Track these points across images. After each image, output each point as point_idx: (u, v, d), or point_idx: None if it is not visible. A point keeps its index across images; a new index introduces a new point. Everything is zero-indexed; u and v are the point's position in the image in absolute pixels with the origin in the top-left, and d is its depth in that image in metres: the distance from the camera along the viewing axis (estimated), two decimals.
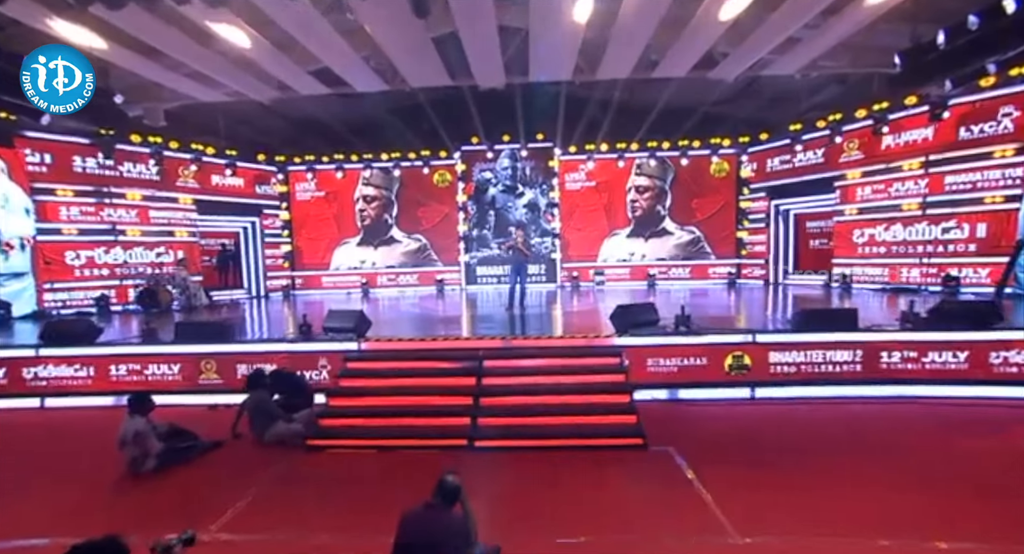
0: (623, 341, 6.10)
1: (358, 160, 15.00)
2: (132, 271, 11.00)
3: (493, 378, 5.52)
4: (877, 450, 4.67)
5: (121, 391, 6.08)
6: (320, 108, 13.01)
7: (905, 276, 10.76)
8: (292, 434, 4.91)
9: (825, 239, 14.24)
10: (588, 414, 4.98)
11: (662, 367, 6.09)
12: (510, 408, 5.14)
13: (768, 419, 5.57)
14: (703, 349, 6.08)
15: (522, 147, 14.82)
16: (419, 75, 10.12)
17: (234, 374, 6.22)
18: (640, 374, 5.91)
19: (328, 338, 6.37)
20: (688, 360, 6.07)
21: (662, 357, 6.09)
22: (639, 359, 6.05)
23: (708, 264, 15.05)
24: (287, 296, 14.85)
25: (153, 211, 11.66)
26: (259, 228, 14.80)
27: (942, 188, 10.06)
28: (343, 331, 6.41)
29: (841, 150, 11.94)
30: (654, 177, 15.11)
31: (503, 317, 8.57)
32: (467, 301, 12.23)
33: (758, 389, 6.03)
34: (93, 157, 10.69)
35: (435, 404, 5.22)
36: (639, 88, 13.39)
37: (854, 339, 6.02)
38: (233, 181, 13.73)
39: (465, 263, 15.35)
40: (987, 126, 9.37)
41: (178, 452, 4.38)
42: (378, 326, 7.70)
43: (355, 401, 5.37)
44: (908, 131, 10.50)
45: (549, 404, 5.17)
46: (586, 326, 7.82)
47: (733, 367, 6.02)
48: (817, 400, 5.94)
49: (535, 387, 5.39)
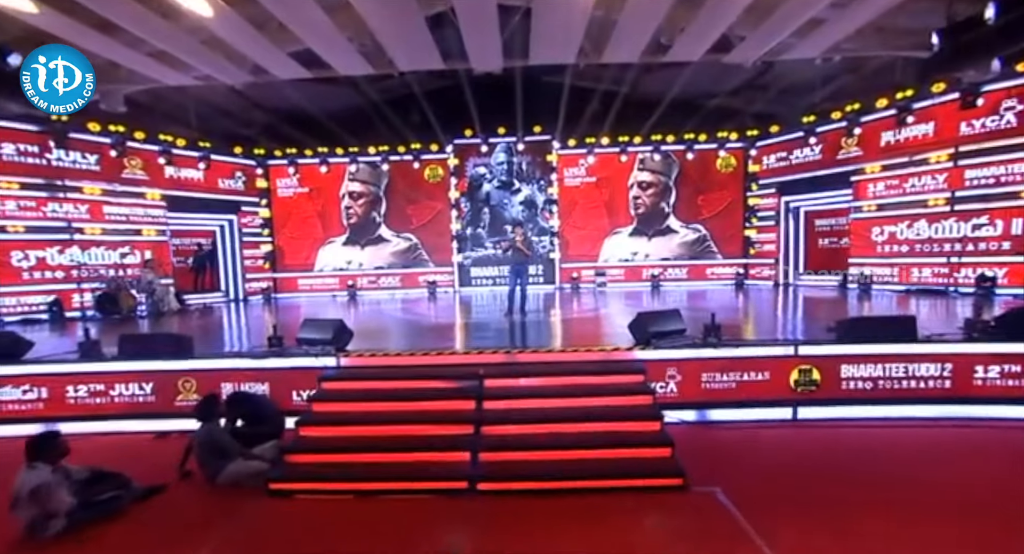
0: (645, 354, 5.26)
1: (343, 154, 14.06)
2: (91, 273, 9.94)
3: (496, 401, 4.66)
4: (982, 487, 3.85)
5: (48, 418, 5.15)
6: (302, 96, 12.05)
7: (931, 276, 10.07)
8: (252, 474, 4.00)
9: (835, 238, 13.58)
10: (612, 446, 4.14)
11: (701, 384, 5.26)
12: (517, 440, 4.27)
13: (837, 446, 4.70)
14: (759, 363, 5.23)
15: (518, 140, 13.98)
16: (409, 57, 9.21)
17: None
18: (677, 392, 5.12)
19: (302, 352, 5.46)
20: (732, 375, 5.21)
21: (703, 372, 5.24)
22: (664, 375, 5.22)
23: (715, 264, 14.32)
24: (268, 300, 13.87)
25: (115, 207, 10.59)
26: (237, 226, 13.79)
27: (973, 181, 9.36)
28: (320, 344, 5.50)
29: (859, 142, 11.23)
30: (658, 172, 14.34)
31: (503, 325, 7.71)
32: (461, 305, 11.34)
33: (815, 409, 5.22)
34: (44, 146, 9.61)
35: (428, 435, 4.34)
36: (643, 78, 12.67)
37: (943, 351, 5.19)
38: (207, 176, 12.70)
39: (458, 264, 14.47)
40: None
41: (98, 506, 3.43)
42: (362, 336, 6.79)
43: (331, 431, 4.47)
44: (935, 120, 9.77)
45: (563, 434, 4.31)
46: (597, 335, 7.02)
47: (800, 383, 5.21)
48: (896, 422, 5.11)
49: (546, 413, 4.53)
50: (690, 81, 12.04)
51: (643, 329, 5.40)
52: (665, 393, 5.17)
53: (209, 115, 13.11)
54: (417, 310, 10.50)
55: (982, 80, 8.73)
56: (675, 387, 5.24)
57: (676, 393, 5.26)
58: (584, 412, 4.51)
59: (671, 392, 5.24)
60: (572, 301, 11.34)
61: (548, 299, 11.85)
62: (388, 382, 4.99)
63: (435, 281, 14.24)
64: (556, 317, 8.96)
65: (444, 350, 5.51)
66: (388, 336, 7.57)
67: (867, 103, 10.76)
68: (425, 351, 5.45)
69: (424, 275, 14.46)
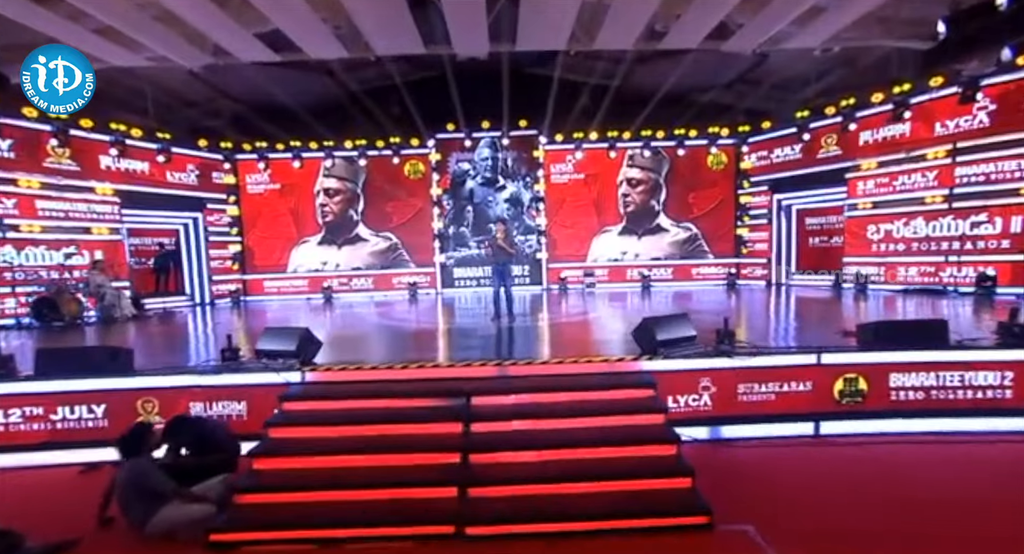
0: (655, 365, 4.69)
1: (318, 148, 13.23)
2: (27, 276, 8.93)
3: (485, 423, 4.02)
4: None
5: None
6: (273, 86, 11.22)
7: (928, 276, 9.81)
8: (191, 521, 3.29)
9: (826, 237, 13.35)
10: (623, 477, 3.54)
11: (724, 398, 4.70)
12: (511, 471, 3.64)
13: (891, 467, 4.14)
14: (796, 372, 4.69)
15: (504, 135, 13.37)
16: (387, 41, 8.52)
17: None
18: (694, 407, 4.58)
19: (261, 366, 4.73)
20: (767, 386, 4.67)
21: (726, 384, 4.69)
22: (678, 388, 4.68)
23: (706, 264, 13.93)
24: (236, 303, 12.94)
25: (57, 202, 9.56)
26: (202, 225, 12.84)
27: (971, 178, 9.11)
28: (281, 356, 4.78)
29: (854, 138, 10.94)
30: (648, 169, 13.89)
31: (489, 331, 7.07)
32: (444, 309, 10.66)
33: (857, 423, 4.70)
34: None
35: (407, 465, 3.68)
36: (633, 72, 12.21)
37: (1007, 358, 4.70)
38: (168, 170, 11.74)
39: (440, 264, 13.78)
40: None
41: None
42: (333, 346, 6.10)
43: (290, 462, 3.77)
44: (933, 115, 9.50)
45: (565, 463, 3.70)
46: (595, 343, 6.45)
47: (845, 394, 4.69)
48: (950, 436, 4.59)
49: (544, 437, 3.92)
50: (682, 76, 11.62)
51: (650, 336, 4.84)
52: (680, 408, 4.63)
53: (169, 104, 12.16)
54: (396, 315, 9.79)
55: (982, 73, 8.49)
56: (692, 401, 4.69)
57: (694, 408, 4.71)
58: (588, 435, 3.91)
59: (687, 407, 4.69)
60: (562, 303, 10.77)
61: (536, 301, 11.25)
62: (360, 401, 4.30)
63: (416, 283, 13.53)
64: (547, 322, 8.36)
65: (426, 362, 4.84)
66: (363, 345, 6.82)
67: (862, 98, 10.46)
68: (404, 364, 4.78)
69: (405, 276, 13.72)
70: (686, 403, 4.71)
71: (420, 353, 5.80)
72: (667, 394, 4.56)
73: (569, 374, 4.70)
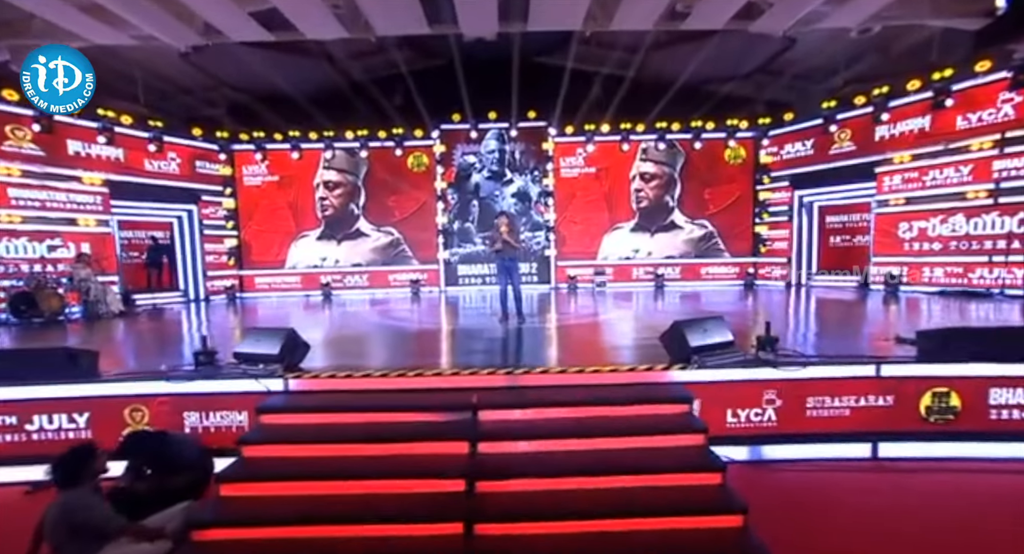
0: (686, 375, 4.09)
1: (318, 139, 12.68)
2: (6, 269, 8.42)
3: (495, 443, 3.44)
4: None
5: None
6: (271, 73, 10.67)
7: (971, 277, 9.12)
8: None
9: (848, 235, 12.67)
10: (661, 513, 2.94)
11: (784, 413, 4.10)
12: (526, 504, 3.05)
13: (994, 499, 3.54)
14: (859, 385, 4.08)
15: (511, 126, 12.77)
16: (389, 20, 7.93)
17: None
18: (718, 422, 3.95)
19: (239, 372, 4.16)
20: (839, 401, 4.07)
21: (773, 398, 4.08)
22: (712, 402, 4.07)
23: (722, 262, 13.28)
24: (232, 300, 12.43)
25: (39, 191, 9.02)
26: (197, 218, 12.32)
27: (1020, 171, 8.39)
28: (263, 361, 4.21)
29: (886, 130, 10.25)
30: (662, 163, 13.25)
31: (497, 333, 6.46)
32: (447, 308, 10.08)
33: (950, 445, 4.06)
34: None
35: (403, 494, 3.09)
36: (648, 61, 11.58)
37: None
38: (161, 160, 11.22)
39: (444, 261, 13.20)
40: None
41: None
42: (326, 349, 5.53)
43: (265, 488, 3.19)
44: (978, 103, 8.77)
45: (588, 492, 3.11)
46: (612, 347, 5.83)
47: (933, 411, 4.06)
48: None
49: (564, 461, 3.33)
50: (699, 66, 10.98)
51: (681, 342, 4.22)
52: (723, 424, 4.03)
53: (162, 91, 11.64)
54: (397, 314, 9.22)
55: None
56: (732, 418, 4.09)
57: (732, 426, 4.10)
58: (614, 459, 3.31)
59: (728, 425, 4.08)
60: (572, 303, 10.16)
61: (545, 301, 10.65)
62: (350, 415, 3.73)
63: (419, 280, 12.96)
64: (559, 323, 7.74)
65: (426, 370, 4.24)
66: (357, 348, 6.16)
67: (897, 86, 9.77)
68: (401, 371, 4.20)
69: (407, 273, 13.16)
70: (724, 420, 4.10)
71: (421, 357, 5.21)
72: (702, 409, 3.96)
73: (588, 385, 4.10)
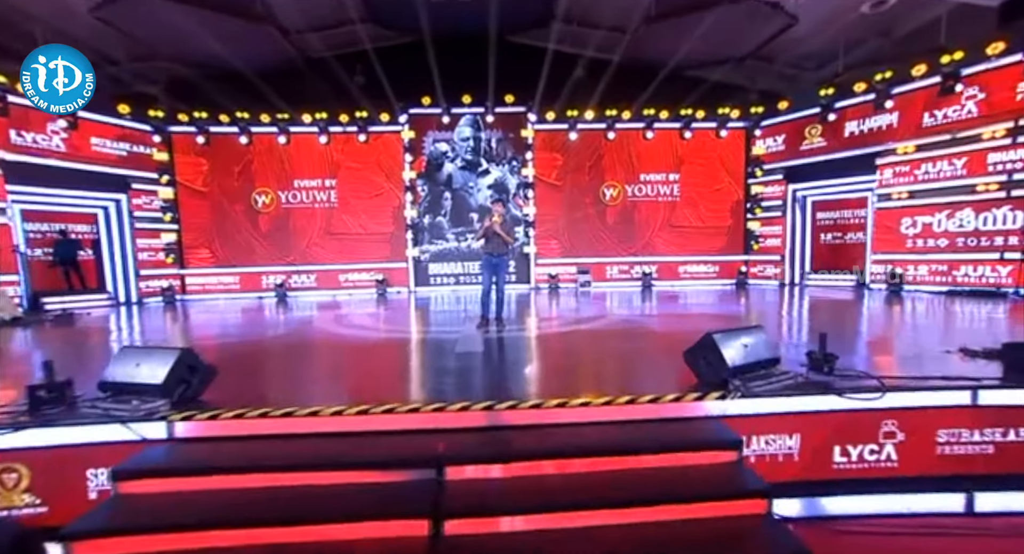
0: (727, 407, 3.07)
1: (270, 122, 11.25)
2: None
3: (467, 521, 2.33)
4: None
5: None
6: (212, 39, 9.26)
7: (980, 276, 8.54)
8: None
9: (840, 232, 12.12)
10: None
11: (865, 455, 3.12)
12: None
13: None
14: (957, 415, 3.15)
15: (487, 112, 11.67)
16: None
17: (83, 492, 2.77)
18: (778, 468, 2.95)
19: (99, 413, 2.91)
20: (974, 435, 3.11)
21: (831, 435, 3.08)
22: (757, 438, 3.07)
23: (711, 261, 12.50)
24: (170, 303, 10.92)
25: None
26: (127, 209, 10.75)
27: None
28: (139, 393, 2.98)
29: (887, 118, 9.62)
30: None
31: (474, 346, 5.26)
32: (416, 312, 8.89)
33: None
34: None
35: None
36: (634, 44, 10.70)
37: None
38: (77, 140, 9.62)
39: (414, 259, 11.99)
40: None
41: None
42: (245, 372, 4.28)
43: None
44: (991, 89, 8.17)
45: None
46: (618, 366, 4.70)
47: None
48: None
49: (567, 550, 2.25)
50: (692, 46, 10.14)
51: (716, 361, 3.21)
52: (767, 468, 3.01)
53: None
54: (353, 319, 7.97)
55: None
56: (781, 459, 3.09)
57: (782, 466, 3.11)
58: (644, 543, 2.25)
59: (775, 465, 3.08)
60: (557, 306, 9.12)
61: (525, 303, 9.58)
62: (259, 477, 2.54)
63: (385, 280, 11.71)
64: (546, 332, 6.57)
65: (374, 406, 3.08)
66: (285, 371, 4.38)
67: (901, 71, 9.12)
68: (338, 408, 3.02)
69: (370, 273, 11.89)
70: (775, 462, 3.11)
71: (371, 382, 4.03)
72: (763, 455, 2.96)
73: (596, 423, 3.03)
